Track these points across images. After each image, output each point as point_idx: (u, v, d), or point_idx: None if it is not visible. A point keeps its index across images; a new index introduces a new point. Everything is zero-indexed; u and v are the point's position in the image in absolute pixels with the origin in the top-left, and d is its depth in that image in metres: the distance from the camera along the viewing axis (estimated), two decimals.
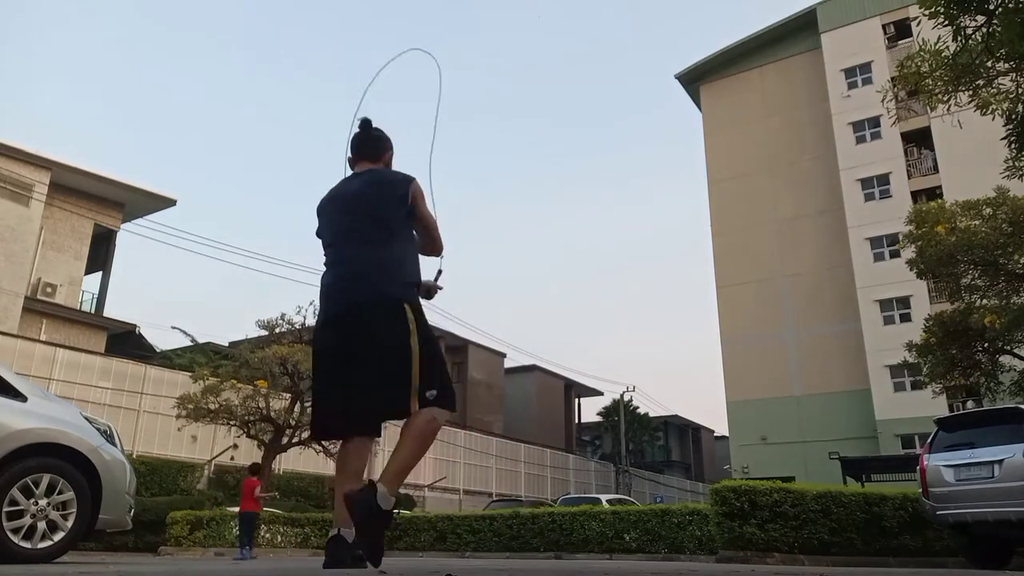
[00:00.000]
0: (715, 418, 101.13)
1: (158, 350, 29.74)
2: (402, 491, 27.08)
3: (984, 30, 6.37)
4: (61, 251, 25.66)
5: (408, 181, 3.17)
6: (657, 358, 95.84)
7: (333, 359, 2.96)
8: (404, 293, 3.00)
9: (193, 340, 29.20)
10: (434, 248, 3.30)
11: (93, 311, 26.95)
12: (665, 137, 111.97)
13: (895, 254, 26.82)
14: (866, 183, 31.32)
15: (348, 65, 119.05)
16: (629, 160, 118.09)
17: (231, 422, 16.21)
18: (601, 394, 48.23)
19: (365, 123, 3.34)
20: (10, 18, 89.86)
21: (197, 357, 25.82)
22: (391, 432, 3.43)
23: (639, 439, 50.17)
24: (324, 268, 3.17)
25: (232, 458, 20.07)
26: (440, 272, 3.30)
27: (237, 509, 13.38)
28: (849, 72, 32.95)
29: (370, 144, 3.33)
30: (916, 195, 29.37)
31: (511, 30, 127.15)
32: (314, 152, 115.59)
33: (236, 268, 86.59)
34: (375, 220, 3.08)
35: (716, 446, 55.98)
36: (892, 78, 9.84)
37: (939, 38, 7.52)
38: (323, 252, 3.22)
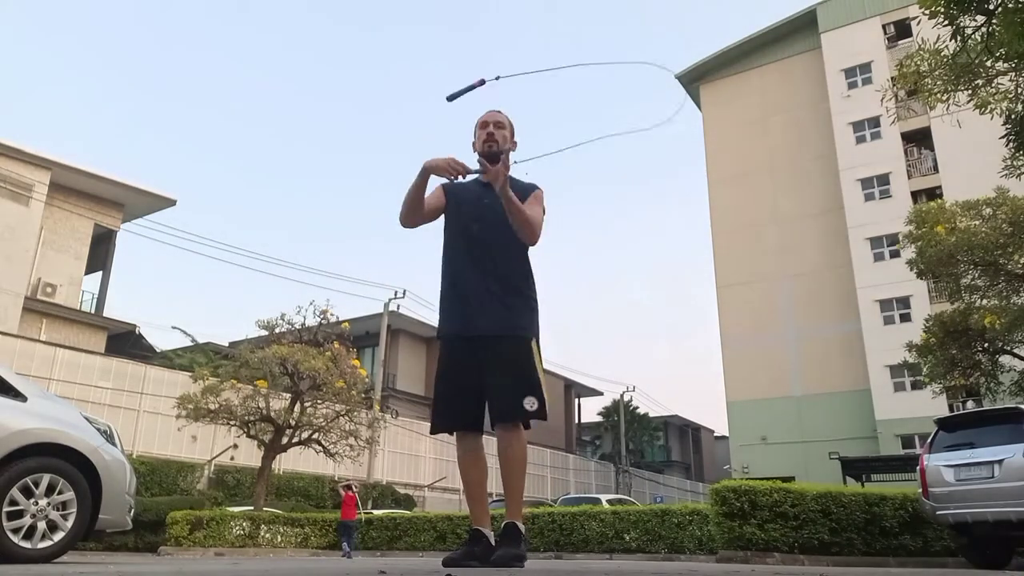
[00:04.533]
0: (715, 418, 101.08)
1: (158, 350, 29.74)
2: (402, 491, 27.13)
3: (984, 30, 6.38)
4: (61, 251, 25.64)
5: None
6: (657, 358, 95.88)
7: None
8: None
9: (193, 340, 29.22)
10: None
11: (93, 311, 26.93)
12: (665, 137, 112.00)
13: (895, 254, 26.82)
14: (866, 183, 31.31)
15: (348, 64, 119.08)
16: (628, 160, 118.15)
17: (231, 422, 16.19)
18: (601, 394, 48.18)
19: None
20: (10, 17, 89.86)
21: (197, 357, 25.84)
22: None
23: (639, 439, 50.12)
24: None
25: (232, 458, 20.06)
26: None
27: (239, 511, 13.42)
28: (849, 72, 32.95)
29: None
30: (916, 195, 29.37)
31: (506, 29, 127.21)
32: (314, 152, 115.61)
33: (236, 268, 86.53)
34: None
35: (716, 446, 55.92)
36: (892, 77, 9.83)
37: (939, 38, 7.52)
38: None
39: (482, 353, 3.19)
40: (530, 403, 3.10)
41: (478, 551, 3.13)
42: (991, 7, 6.11)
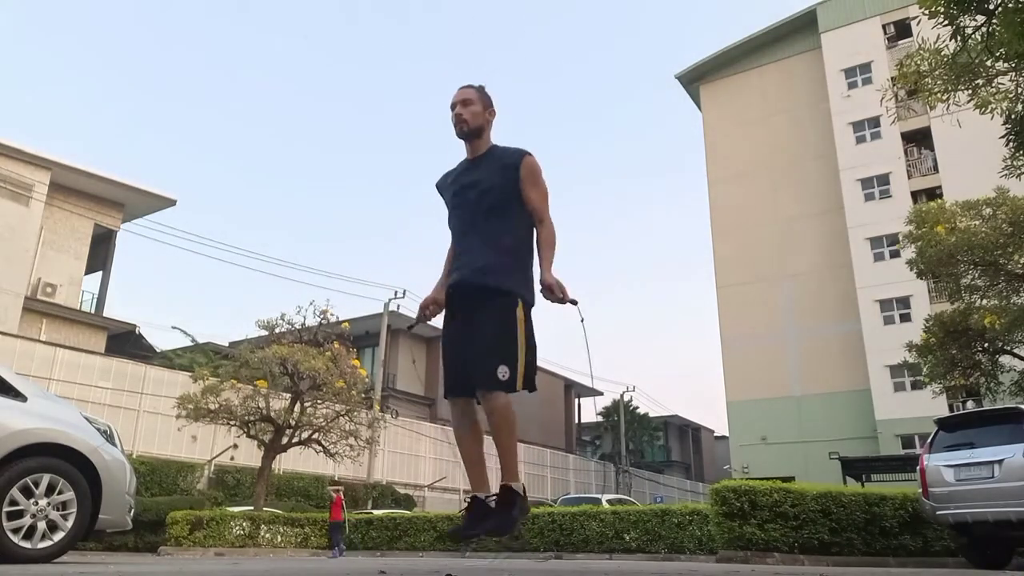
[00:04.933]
0: (715, 418, 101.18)
1: (158, 350, 29.73)
2: (402, 491, 27.13)
3: (984, 30, 6.37)
4: (61, 251, 25.64)
5: None
6: (657, 358, 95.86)
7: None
8: None
9: (193, 340, 29.21)
10: None
11: (93, 311, 26.93)
12: (665, 137, 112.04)
13: (895, 254, 26.82)
14: (866, 183, 31.31)
15: (348, 64, 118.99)
16: (627, 160, 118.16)
17: (231, 422, 16.19)
18: (601, 394, 48.12)
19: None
20: (11, 17, 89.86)
21: (197, 357, 25.83)
22: None
23: (639, 439, 50.11)
24: None
25: (232, 458, 20.06)
26: None
27: (239, 511, 13.46)
28: (849, 72, 32.95)
29: None
30: (916, 195, 29.38)
31: (504, 28, 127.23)
32: (314, 152, 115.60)
33: (236, 268, 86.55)
34: None
35: (716, 446, 55.91)
36: (892, 77, 9.83)
37: (939, 38, 7.52)
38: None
39: (467, 311, 3.19)
40: (503, 372, 3.04)
41: (479, 518, 3.17)
42: (991, 7, 6.11)
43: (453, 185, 3.44)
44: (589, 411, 57.17)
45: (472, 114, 3.34)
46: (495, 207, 3.26)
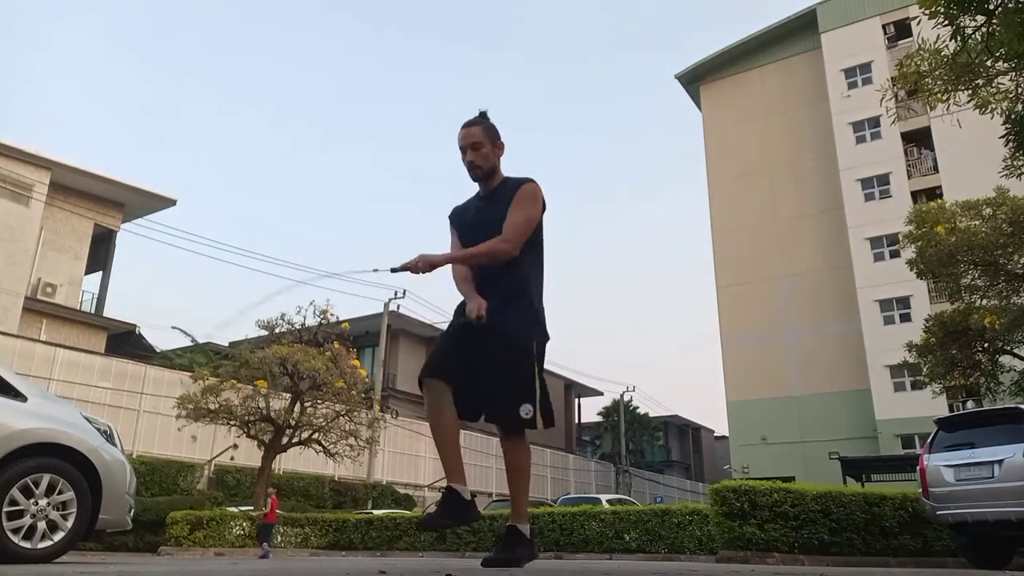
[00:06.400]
0: (715, 418, 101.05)
1: (158, 350, 29.73)
2: (402, 491, 27.09)
3: (984, 30, 6.38)
4: (61, 251, 25.65)
5: None
6: (657, 358, 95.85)
7: None
8: None
9: (193, 340, 29.20)
10: None
11: (93, 311, 26.95)
12: (664, 137, 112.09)
13: (895, 254, 26.84)
14: (866, 183, 31.34)
15: (348, 64, 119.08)
16: (627, 160, 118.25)
17: (231, 422, 16.20)
18: (601, 394, 48.14)
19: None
20: (11, 16, 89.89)
21: (197, 357, 25.82)
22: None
23: (639, 439, 50.12)
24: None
25: (232, 458, 20.06)
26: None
27: (236, 509, 13.54)
28: (849, 72, 32.98)
29: None
30: (916, 195, 29.40)
31: (501, 27, 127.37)
32: (315, 152, 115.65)
33: (236, 268, 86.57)
34: None
35: (716, 446, 55.93)
36: (892, 77, 9.84)
37: (939, 38, 7.52)
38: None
39: (484, 339, 3.15)
40: (526, 411, 3.08)
41: (453, 510, 3.09)
42: (991, 7, 6.11)
43: (466, 218, 3.45)
44: (589, 411, 57.24)
45: (483, 157, 3.35)
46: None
